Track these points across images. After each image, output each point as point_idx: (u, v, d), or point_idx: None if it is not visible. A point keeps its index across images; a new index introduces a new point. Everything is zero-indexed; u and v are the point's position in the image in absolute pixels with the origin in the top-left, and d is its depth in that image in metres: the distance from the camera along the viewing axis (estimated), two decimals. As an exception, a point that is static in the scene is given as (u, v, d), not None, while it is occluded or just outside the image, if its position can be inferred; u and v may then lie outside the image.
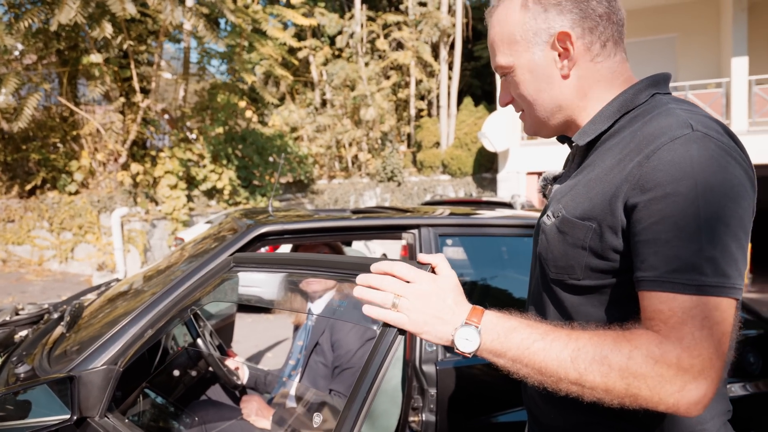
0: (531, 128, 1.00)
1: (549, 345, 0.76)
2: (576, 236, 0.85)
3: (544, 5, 0.89)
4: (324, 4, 16.66)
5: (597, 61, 0.90)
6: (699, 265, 0.70)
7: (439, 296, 0.82)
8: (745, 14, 10.93)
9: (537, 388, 0.96)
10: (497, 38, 0.95)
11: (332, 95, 15.74)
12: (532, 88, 0.93)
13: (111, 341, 1.58)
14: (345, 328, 2.13)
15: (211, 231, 2.92)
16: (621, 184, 0.78)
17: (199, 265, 1.80)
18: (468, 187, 13.22)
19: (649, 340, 0.71)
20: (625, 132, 0.85)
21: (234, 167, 11.66)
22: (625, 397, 0.71)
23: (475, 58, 16.27)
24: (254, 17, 10.97)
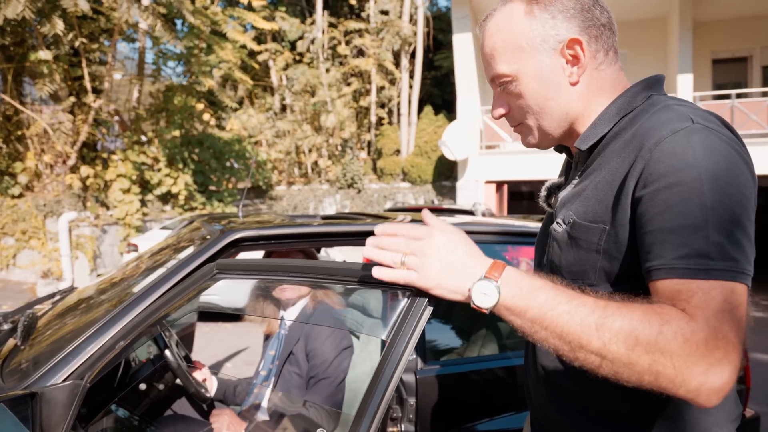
0: (533, 139, 0.96)
1: (574, 309, 0.73)
2: (589, 240, 0.84)
3: (552, 12, 0.87)
4: (285, 9, 16.51)
5: (601, 69, 0.90)
6: (707, 252, 0.69)
7: (448, 248, 0.80)
8: (690, 33, 11.51)
9: (545, 394, 0.97)
10: (498, 46, 0.90)
11: (292, 100, 15.59)
12: (540, 96, 0.90)
13: (75, 354, 1.47)
14: (321, 337, 2.07)
15: (175, 237, 2.80)
16: (627, 182, 0.78)
17: (171, 272, 1.71)
18: (428, 194, 13.32)
19: (680, 317, 0.69)
20: (627, 133, 0.84)
21: (190, 171, 11.34)
22: (647, 373, 0.68)
23: (435, 67, 16.47)
24: (213, 19, 10.73)
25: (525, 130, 0.96)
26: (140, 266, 2.48)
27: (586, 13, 0.88)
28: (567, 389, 0.93)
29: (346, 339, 2.11)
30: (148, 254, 2.63)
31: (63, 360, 1.46)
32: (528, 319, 0.76)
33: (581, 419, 0.90)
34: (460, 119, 12.27)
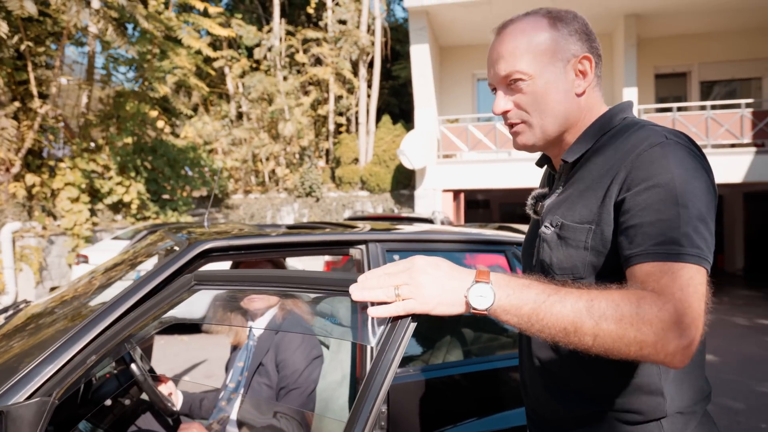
0: (531, 138, 1.06)
1: (563, 297, 0.81)
2: (577, 239, 0.96)
3: (570, 31, 1.02)
4: (241, 16, 16.32)
5: (594, 89, 1.06)
6: (678, 240, 0.83)
7: (433, 267, 0.85)
8: (634, 49, 12.09)
9: (541, 384, 1.07)
10: (521, 47, 1.01)
11: (249, 108, 15.39)
12: (550, 98, 1.02)
13: (39, 369, 1.42)
14: (291, 347, 2.07)
15: (137, 248, 2.74)
16: (611, 187, 0.92)
17: (140, 283, 1.68)
18: (386, 203, 13.39)
19: (650, 294, 0.80)
20: (608, 148, 0.98)
21: (143, 180, 11.01)
22: (633, 344, 0.78)
23: (393, 77, 16.63)
24: (168, 24, 10.50)
25: (524, 128, 1.06)
26: (102, 278, 2.41)
27: (592, 41, 1.04)
28: (561, 376, 1.03)
29: (315, 349, 2.12)
30: (110, 265, 2.56)
31: (27, 376, 1.41)
32: (524, 315, 0.82)
33: (576, 402, 1.01)
34: (418, 129, 12.43)
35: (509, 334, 2.47)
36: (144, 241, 3.00)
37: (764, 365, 5.55)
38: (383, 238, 2.07)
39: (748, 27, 12.87)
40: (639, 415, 0.96)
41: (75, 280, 2.58)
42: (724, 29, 13.02)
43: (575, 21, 1.03)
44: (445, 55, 14.21)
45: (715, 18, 12.29)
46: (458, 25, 12.78)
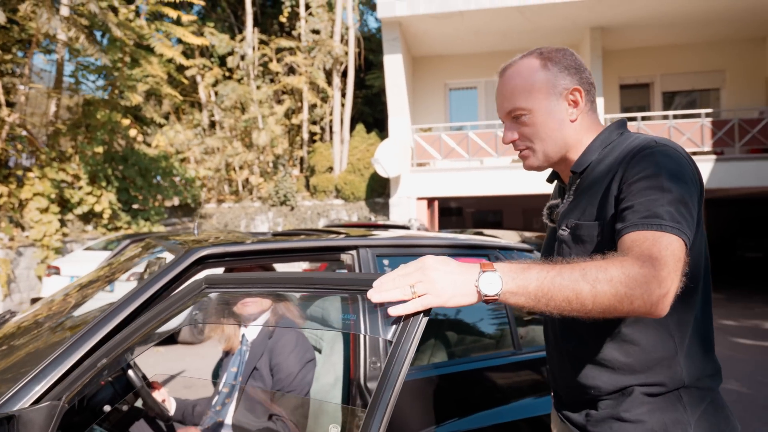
0: (536, 161, 1.25)
1: (560, 271, 0.93)
2: (590, 234, 1.13)
3: (560, 68, 1.20)
4: (213, 24, 16.24)
5: (588, 114, 1.24)
6: (661, 214, 0.99)
7: (443, 263, 0.94)
8: (600, 61, 12.49)
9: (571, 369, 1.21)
10: (519, 86, 1.21)
11: (222, 117, 15.29)
12: (548, 127, 1.21)
13: (47, 372, 1.45)
14: (285, 351, 2.12)
15: (124, 256, 2.74)
16: (612, 185, 1.10)
17: (140, 290, 1.72)
18: (361, 211, 13.46)
19: (631, 257, 0.95)
20: (609, 157, 1.17)
21: (114, 189, 10.82)
22: (625, 298, 0.90)
23: (366, 86, 16.76)
24: (140, 33, 10.39)
25: (530, 153, 1.24)
26: (94, 286, 2.41)
27: (582, 73, 1.22)
28: (590, 360, 1.18)
29: (309, 352, 2.17)
30: (100, 274, 2.56)
31: (34, 379, 1.43)
32: (531, 293, 0.92)
33: (605, 381, 1.15)
34: (392, 137, 12.56)
35: (490, 336, 2.57)
36: (129, 250, 3.00)
37: (728, 363, 5.80)
38: (373, 243, 2.14)
39: (708, 40, 13.47)
40: (662, 387, 1.10)
41: (63, 288, 2.58)
42: (684, 42, 13.58)
43: (565, 58, 1.21)
44: (417, 65, 14.42)
45: (677, 31, 12.82)
46: (431, 36, 13.00)
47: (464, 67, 14.39)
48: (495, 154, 12.35)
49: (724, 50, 13.59)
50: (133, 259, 2.57)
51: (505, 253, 2.55)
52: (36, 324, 2.02)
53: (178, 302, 1.28)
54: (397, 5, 11.66)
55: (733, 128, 11.64)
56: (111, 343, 1.34)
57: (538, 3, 11.18)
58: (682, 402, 1.10)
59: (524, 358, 2.32)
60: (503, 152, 12.33)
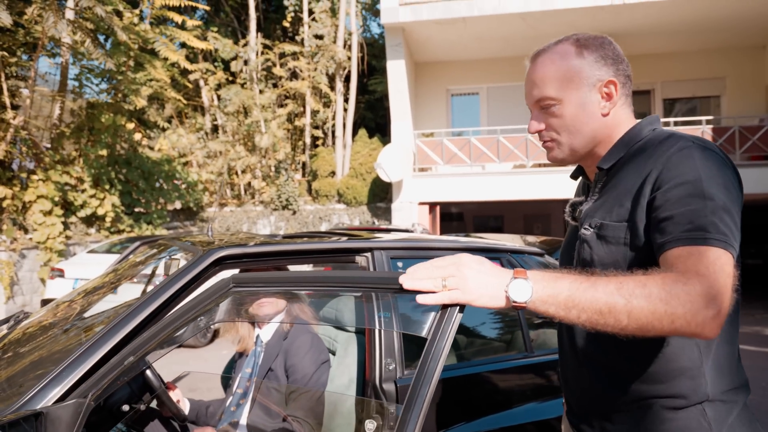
0: (560, 155, 1.18)
1: (594, 283, 0.89)
2: (617, 236, 1.05)
3: (596, 57, 1.13)
4: (217, 29, 16.32)
5: (622, 108, 1.16)
6: (705, 227, 0.92)
7: (477, 263, 0.94)
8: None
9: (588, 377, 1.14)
10: (550, 74, 1.13)
11: (225, 121, 15.33)
12: (578, 120, 1.13)
13: (72, 369, 1.47)
14: (300, 352, 2.13)
15: (136, 258, 2.76)
16: (644, 187, 1.02)
17: (158, 291, 1.74)
18: (363, 215, 13.48)
19: (675, 273, 0.89)
20: (640, 155, 1.09)
21: (117, 192, 10.84)
22: (665, 317, 0.86)
23: (369, 91, 16.81)
24: (145, 37, 10.44)
25: (555, 146, 1.18)
26: (108, 286, 2.43)
27: (619, 64, 1.13)
28: (607, 367, 1.10)
29: (323, 353, 2.19)
30: (113, 274, 2.58)
31: (58, 376, 1.45)
32: (561, 303, 0.89)
33: (622, 391, 1.08)
34: (395, 142, 12.60)
35: (501, 338, 2.58)
36: (140, 252, 3.02)
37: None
38: (388, 246, 2.16)
39: (708, 48, 13.54)
40: (683, 399, 1.02)
41: (78, 289, 2.59)
42: (685, 50, 13.65)
43: (602, 47, 1.13)
44: (420, 70, 14.48)
45: (677, 39, 12.89)
46: (433, 42, 13.06)
47: (466, 73, 14.45)
48: (497, 160, 12.39)
49: (725, 58, 13.66)
50: (146, 261, 2.59)
51: (516, 256, 2.57)
52: (55, 324, 2.04)
53: (206, 300, 1.30)
54: (400, 11, 11.73)
55: (734, 135, 11.69)
56: (138, 341, 1.35)
57: (540, 10, 11.25)
58: (706, 417, 1.01)
59: (536, 361, 2.33)
60: (505, 158, 12.37)
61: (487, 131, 13.39)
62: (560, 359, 1.28)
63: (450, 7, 11.55)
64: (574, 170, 1.31)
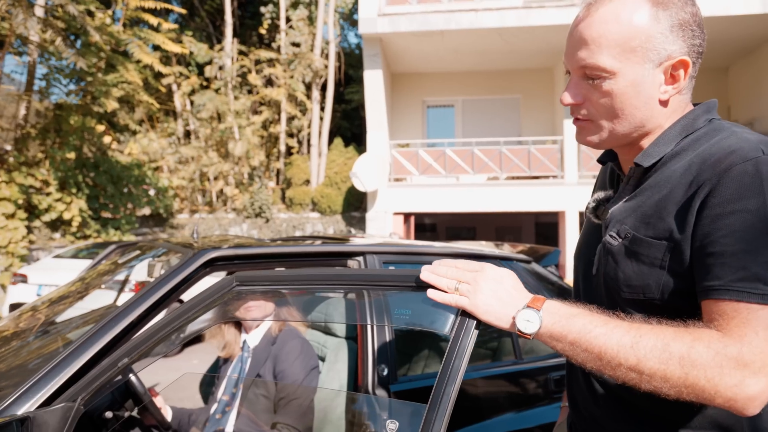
0: (596, 139, 0.95)
1: (610, 331, 0.79)
2: (653, 255, 0.86)
3: (672, 24, 0.86)
4: (192, 33, 16.10)
5: (683, 93, 0.92)
6: (764, 277, 0.75)
7: (497, 280, 0.89)
8: (574, 84, 12.84)
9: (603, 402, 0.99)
10: (609, 36, 0.86)
11: (197, 126, 15.09)
12: (628, 103, 0.89)
13: (55, 373, 1.40)
14: (290, 357, 2.08)
15: (117, 260, 2.67)
16: (693, 202, 0.82)
17: (146, 292, 1.68)
18: (337, 225, 13.41)
19: (711, 334, 0.75)
20: (689, 154, 0.88)
21: (84, 197, 10.51)
22: (683, 386, 0.74)
23: (345, 100, 16.83)
24: (119, 38, 10.22)
25: (592, 127, 0.94)
26: (87, 288, 2.34)
27: (696, 37, 0.88)
28: (626, 398, 0.94)
29: (313, 359, 2.14)
30: (89, 277, 2.49)
31: (41, 381, 1.37)
32: (568, 343, 0.82)
33: (640, 424, 0.93)
34: (371, 152, 12.60)
35: (491, 345, 2.58)
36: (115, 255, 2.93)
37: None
38: (380, 250, 2.14)
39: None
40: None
41: (52, 293, 2.48)
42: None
43: (683, 9, 0.86)
44: (396, 81, 14.57)
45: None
46: (410, 54, 13.17)
47: (442, 85, 14.60)
48: (471, 172, 12.52)
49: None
50: (129, 262, 2.50)
51: (505, 263, 2.57)
52: (34, 327, 1.94)
53: (207, 300, 1.25)
54: (378, 22, 11.80)
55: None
56: (133, 342, 1.29)
57: (515, 26, 11.47)
58: None
59: (526, 368, 2.33)
60: (479, 170, 12.52)
61: (462, 143, 13.53)
62: (568, 380, 1.12)
63: (428, 19, 11.68)
64: (603, 153, 1.07)
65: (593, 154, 12.25)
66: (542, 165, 12.32)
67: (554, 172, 12.30)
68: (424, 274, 0.93)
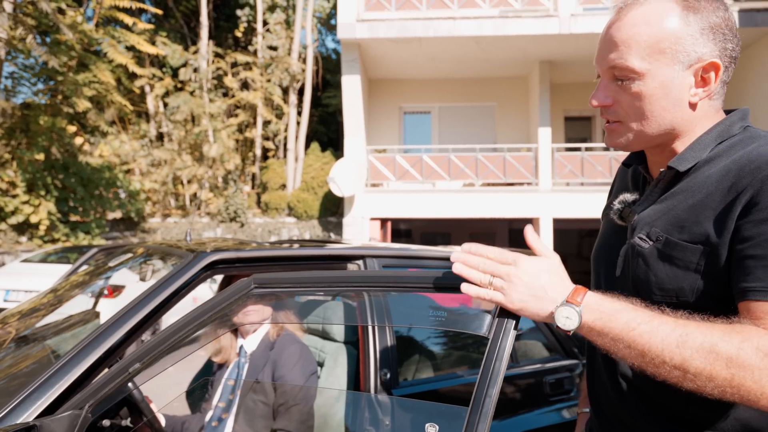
0: (624, 141, 0.96)
1: (655, 328, 0.78)
2: (687, 259, 0.87)
3: (702, 27, 0.88)
4: (166, 34, 15.83)
5: (714, 98, 0.93)
6: None
7: (533, 274, 0.85)
8: (548, 93, 13.10)
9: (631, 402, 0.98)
10: (639, 38, 0.89)
11: (171, 129, 14.81)
12: (657, 104, 0.90)
13: (58, 378, 1.35)
14: (289, 363, 2.05)
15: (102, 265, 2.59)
16: (733, 207, 0.83)
17: (148, 296, 1.64)
18: (314, 230, 13.32)
19: (760, 334, 0.75)
20: (725, 159, 0.89)
21: (53, 199, 10.18)
22: (728, 387, 0.74)
23: (323, 105, 16.76)
24: (93, 37, 9.97)
25: (621, 129, 0.96)
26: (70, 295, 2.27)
27: (728, 41, 0.89)
28: (654, 398, 0.95)
29: (312, 364, 2.11)
30: (73, 283, 2.41)
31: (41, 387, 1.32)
32: (610, 339, 0.81)
33: (667, 426, 0.93)
34: (348, 157, 12.58)
35: (479, 351, 2.59)
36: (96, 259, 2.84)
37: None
38: (380, 253, 2.13)
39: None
40: None
41: (33, 299, 2.39)
42: (623, 80, 14.43)
43: (714, 14, 0.88)
44: (374, 87, 14.60)
45: (617, 69, 13.61)
46: (388, 60, 13.22)
47: (419, 92, 14.69)
48: (447, 178, 12.61)
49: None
50: (119, 266, 2.43)
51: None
52: (16, 335, 1.87)
53: (224, 302, 1.22)
54: (357, 27, 11.81)
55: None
56: (145, 347, 1.25)
57: (492, 34, 11.63)
58: None
59: (522, 372, 2.34)
60: (456, 176, 12.61)
61: (439, 149, 13.62)
62: (590, 381, 1.12)
63: (406, 26, 11.75)
64: (629, 156, 1.07)
65: (567, 163, 12.50)
66: (517, 172, 12.49)
67: (529, 179, 12.48)
68: (456, 266, 0.88)
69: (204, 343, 1.33)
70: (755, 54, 11.73)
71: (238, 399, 2.06)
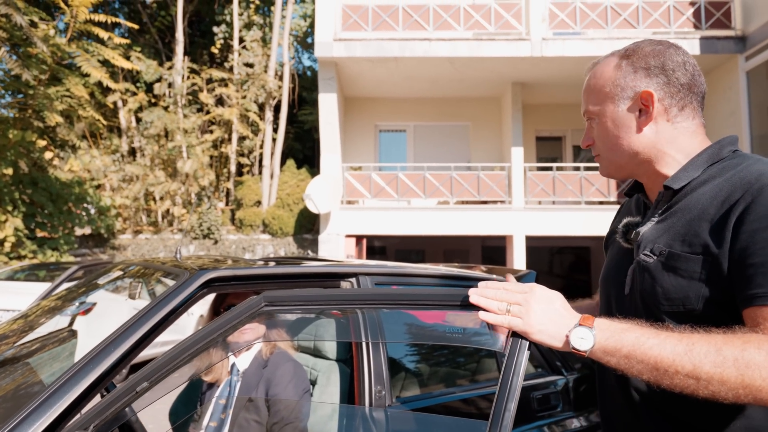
0: (606, 169, 1.15)
1: (663, 341, 0.84)
2: (690, 269, 0.95)
3: (635, 67, 1.06)
4: (140, 49, 15.67)
5: (675, 122, 1.06)
6: None
7: (547, 301, 0.93)
8: (520, 114, 13.43)
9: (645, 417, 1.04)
10: (591, 87, 1.12)
11: (144, 144, 14.59)
12: (612, 135, 1.09)
13: (56, 399, 1.33)
14: (283, 381, 2.06)
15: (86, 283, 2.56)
16: (728, 220, 0.91)
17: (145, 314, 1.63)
18: (289, 247, 13.23)
19: (759, 337, 0.82)
20: (718, 179, 0.99)
21: (21, 215, 9.89)
22: (740, 388, 0.79)
23: (298, 122, 16.78)
24: (66, 51, 9.81)
25: (602, 160, 1.14)
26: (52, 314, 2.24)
27: (668, 73, 1.04)
28: (666, 411, 1.01)
29: (305, 382, 2.12)
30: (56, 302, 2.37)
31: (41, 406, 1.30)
32: (623, 356, 0.86)
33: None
34: (324, 174, 12.60)
35: (474, 365, 2.63)
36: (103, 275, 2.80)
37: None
38: (373, 271, 2.16)
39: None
40: None
41: (16, 316, 2.34)
42: (592, 102, 14.88)
43: (648, 57, 1.05)
44: (349, 105, 14.72)
45: (586, 92, 14.06)
46: (364, 78, 13.37)
47: (394, 111, 14.87)
48: (423, 196, 12.73)
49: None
50: (103, 285, 2.40)
51: (485, 285, 2.64)
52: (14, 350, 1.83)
53: (235, 320, 1.24)
54: (334, 46, 11.94)
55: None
56: (152, 365, 1.25)
57: (467, 56, 11.91)
58: None
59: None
60: (431, 194, 12.76)
61: (414, 167, 13.76)
62: (601, 397, 1.18)
63: (383, 46, 11.93)
64: (629, 187, 1.20)
65: (539, 182, 12.77)
66: (491, 190, 12.70)
67: (502, 197, 12.70)
68: (473, 298, 0.95)
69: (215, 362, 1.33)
70: (717, 78, 12.29)
71: (230, 418, 2.05)
